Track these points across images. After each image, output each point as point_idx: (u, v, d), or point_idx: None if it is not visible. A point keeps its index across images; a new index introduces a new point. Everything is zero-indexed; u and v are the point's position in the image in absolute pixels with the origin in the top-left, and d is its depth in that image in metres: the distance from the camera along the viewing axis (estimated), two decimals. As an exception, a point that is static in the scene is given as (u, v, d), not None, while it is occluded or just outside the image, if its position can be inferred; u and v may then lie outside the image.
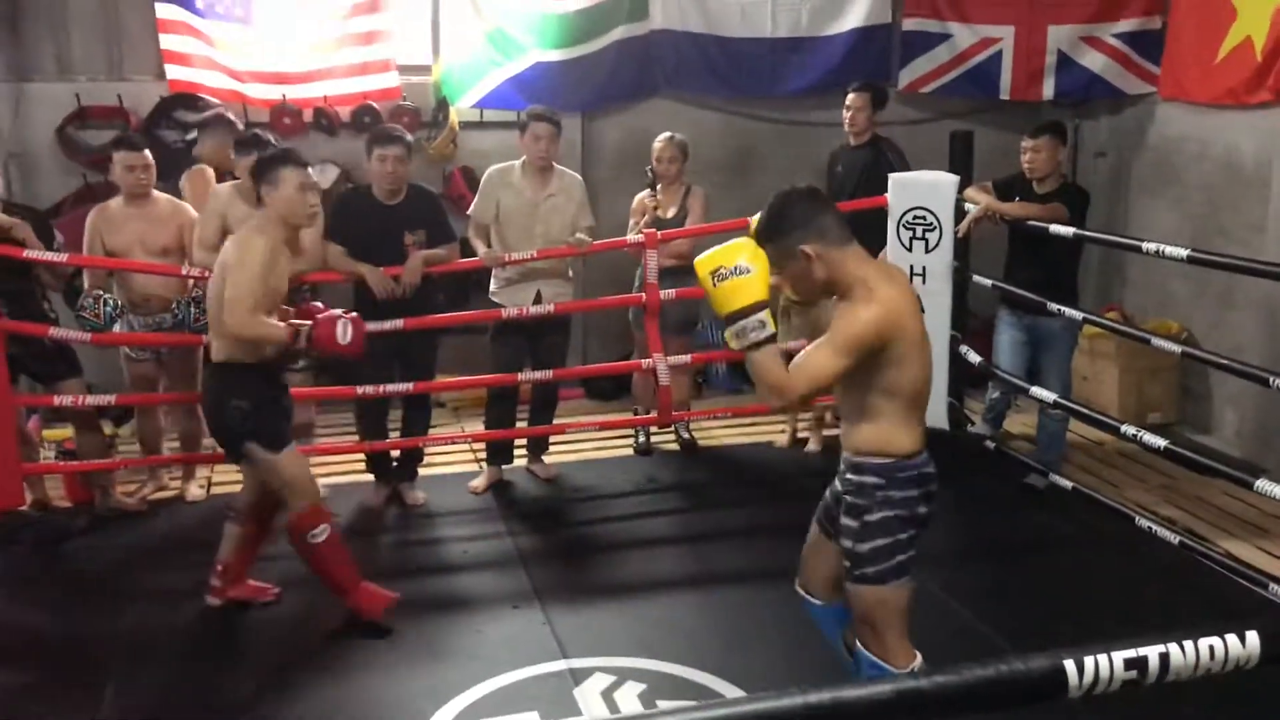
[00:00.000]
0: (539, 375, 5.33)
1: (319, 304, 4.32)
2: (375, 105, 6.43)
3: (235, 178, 4.97)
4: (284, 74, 6.37)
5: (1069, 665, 1.38)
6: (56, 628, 4.19)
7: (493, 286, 5.37)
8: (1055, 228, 4.79)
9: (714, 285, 2.68)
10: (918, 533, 2.86)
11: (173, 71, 6.19)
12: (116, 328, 4.87)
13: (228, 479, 5.56)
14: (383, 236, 4.93)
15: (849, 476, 2.90)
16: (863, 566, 2.83)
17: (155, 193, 5.04)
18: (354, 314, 4.11)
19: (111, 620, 4.17)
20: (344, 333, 3.94)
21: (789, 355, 2.82)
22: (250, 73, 6.33)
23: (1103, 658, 1.40)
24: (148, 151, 5.00)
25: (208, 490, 5.45)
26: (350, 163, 6.28)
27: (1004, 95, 7.04)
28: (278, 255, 3.87)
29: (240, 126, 5.55)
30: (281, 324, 3.89)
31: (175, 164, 5.67)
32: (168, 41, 6.15)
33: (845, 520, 2.89)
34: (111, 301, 4.77)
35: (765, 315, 2.66)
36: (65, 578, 4.61)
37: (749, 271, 2.65)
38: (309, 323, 3.95)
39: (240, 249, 3.83)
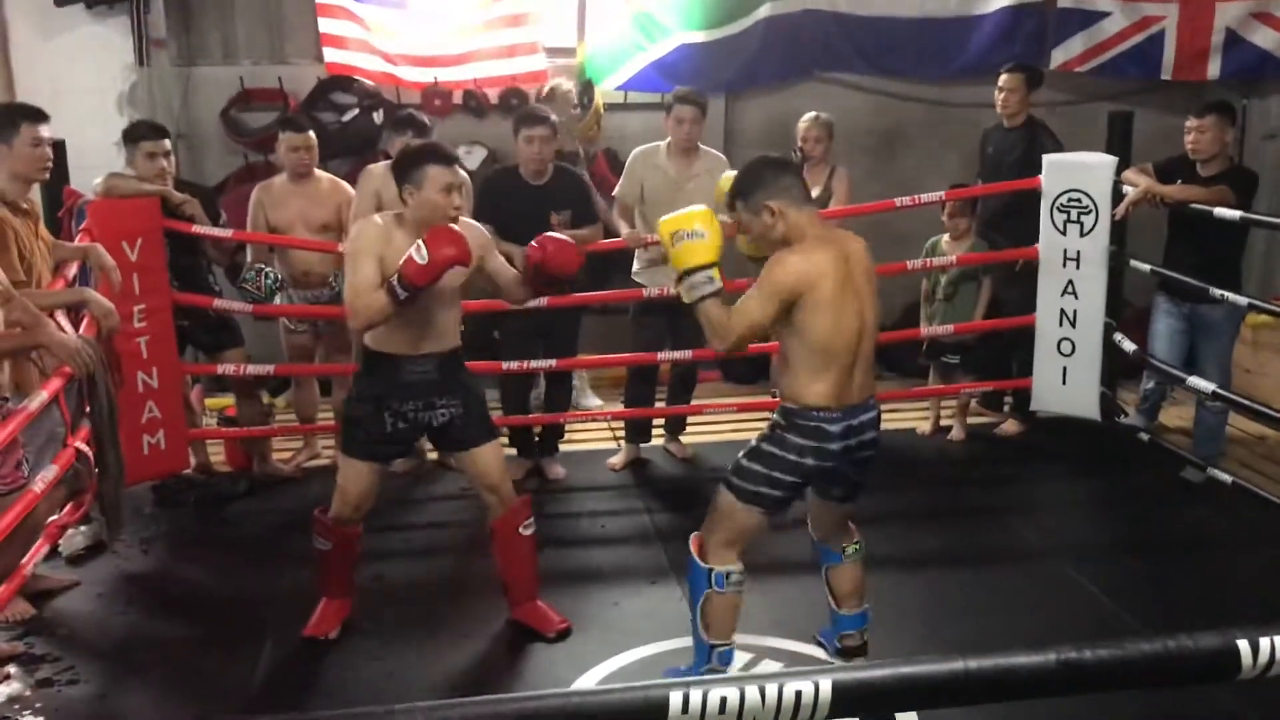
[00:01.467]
0: (678, 355, 5.35)
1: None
2: (523, 88, 6.52)
3: (389, 157, 5.12)
4: (434, 57, 6.51)
5: (1242, 644, 1.33)
6: (218, 585, 4.39)
7: (635, 266, 5.41)
8: (1220, 210, 4.59)
9: (673, 245, 3.13)
10: (799, 482, 3.20)
11: (330, 55, 6.40)
12: (277, 300, 5.07)
13: (377, 449, 5.75)
14: (530, 216, 5.00)
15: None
16: (734, 474, 3.25)
17: (316, 171, 5.23)
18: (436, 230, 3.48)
19: (269, 579, 4.36)
20: (420, 254, 3.35)
21: None
22: (402, 55, 6.50)
23: (1279, 639, 1.35)
24: (311, 133, 5.18)
25: (358, 460, 5.62)
26: (498, 144, 6.40)
27: (1165, 75, 6.77)
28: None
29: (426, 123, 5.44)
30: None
31: (331, 145, 5.87)
32: (326, 25, 6.36)
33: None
34: (272, 275, 4.98)
35: (714, 273, 3.10)
36: (225, 538, 4.84)
37: (703, 236, 3.09)
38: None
39: (350, 240, 3.70)
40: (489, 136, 6.52)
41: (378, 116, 6.35)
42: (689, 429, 5.78)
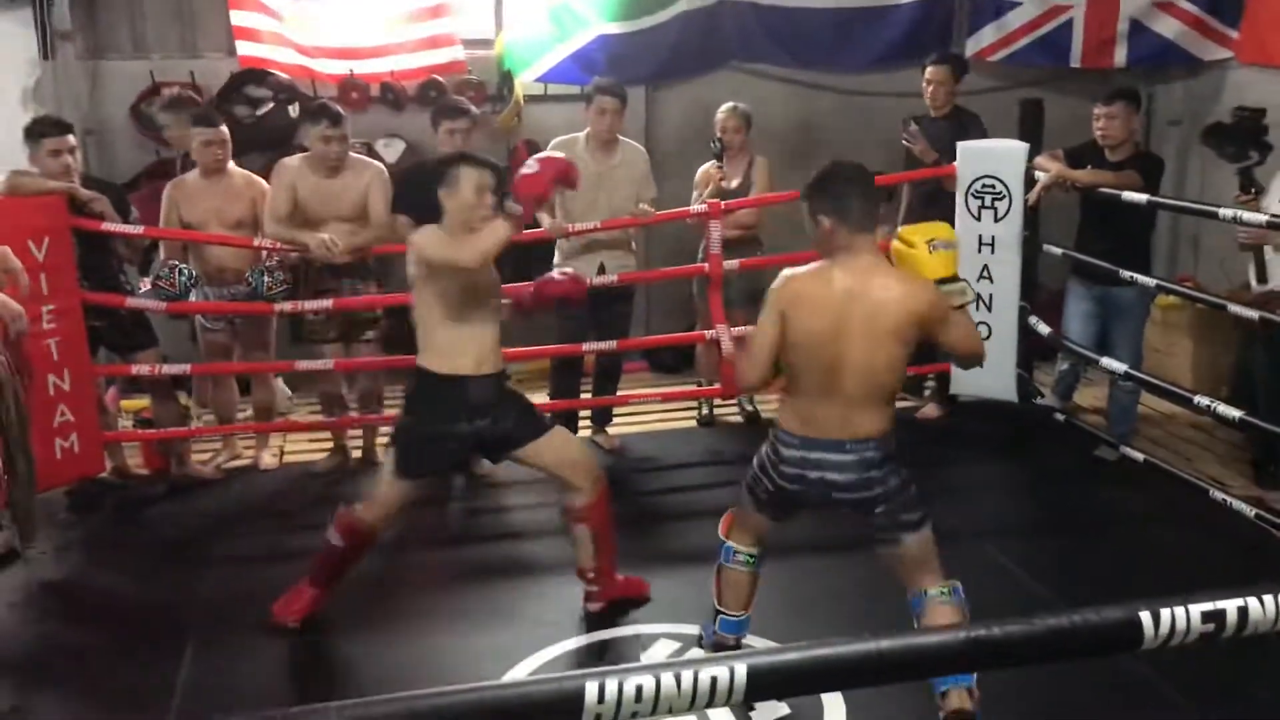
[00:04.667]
0: (603, 346, 5.35)
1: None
2: (441, 79, 6.48)
3: (304, 149, 5.04)
4: (351, 49, 6.42)
5: (1144, 616, 1.37)
6: (136, 591, 4.31)
7: (556, 258, 5.40)
8: (1128, 195, 4.70)
9: (929, 251, 3.05)
10: (773, 490, 3.18)
11: (243, 48, 6.27)
12: (192, 298, 4.97)
13: (300, 448, 5.69)
14: (449, 208, 4.96)
15: None
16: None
17: (231, 167, 5.14)
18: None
19: (190, 584, 4.27)
20: (530, 165, 3.67)
21: None
22: (318, 48, 6.40)
23: (1179, 609, 1.39)
24: (224, 127, 5.09)
25: (280, 458, 5.55)
26: (417, 137, 6.34)
27: (1075, 63, 6.91)
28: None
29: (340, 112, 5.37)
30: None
31: (246, 139, 5.76)
32: (238, 18, 6.23)
33: None
34: (186, 272, 4.88)
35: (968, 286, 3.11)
36: (144, 543, 4.73)
37: (956, 248, 3.10)
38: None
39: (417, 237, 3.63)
40: (407, 129, 6.45)
41: (293, 110, 6.25)
42: (615, 420, 5.79)
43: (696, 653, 3.69)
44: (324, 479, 5.28)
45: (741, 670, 1.22)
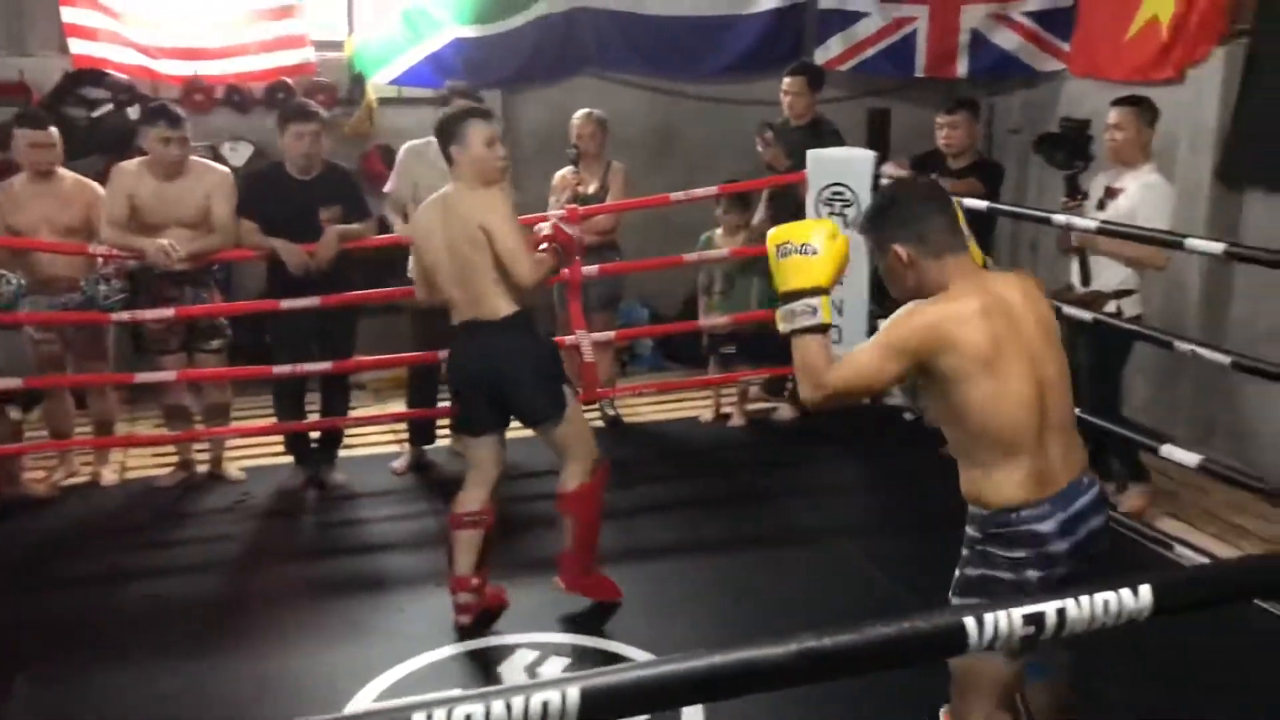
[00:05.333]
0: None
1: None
2: (289, 81, 6.32)
3: (144, 153, 4.85)
4: (195, 49, 6.22)
5: (969, 621, 1.41)
6: (-35, 618, 4.08)
7: (411, 264, 5.31)
8: (969, 201, 4.86)
9: (777, 259, 2.51)
10: (1040, 583, 2.43)
11: (76, 46, 6.01)
12: (21, 309, 4.73)
13: (141, 463, 5.47)
14: (297, 213, 4.85)
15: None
16: None
17: (61, 170, 4.92)
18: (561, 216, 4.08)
19: (25, 610, 4.07)
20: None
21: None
22: (159, 48, 6.18)
23: (1002, 614, 1.44)
24: (53, 129, 4.86)
25: (121, 474, 5.33)
26: (264, 140, 6.16)
27: (919, 73, 7.12)
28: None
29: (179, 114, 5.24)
30: (541, 255, 3.80)
31: (82, 142, 5.52)
32: (70, 15, 5.97)
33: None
34: (14, 281, 4.64)
35: (820, 302, 2.44)
36: (-27, 566, 4.50)
37: (815, 253, 2.45)
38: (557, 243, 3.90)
39: (489, 208, 3.64)
40: (254, 132, 6.27)
41: (133, 112, 6.00)
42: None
43: (554, 661, 3.69)
44: (168, 494, 5.09)
45: (574, 693, 1.21)
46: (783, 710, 3.05)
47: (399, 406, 5.71)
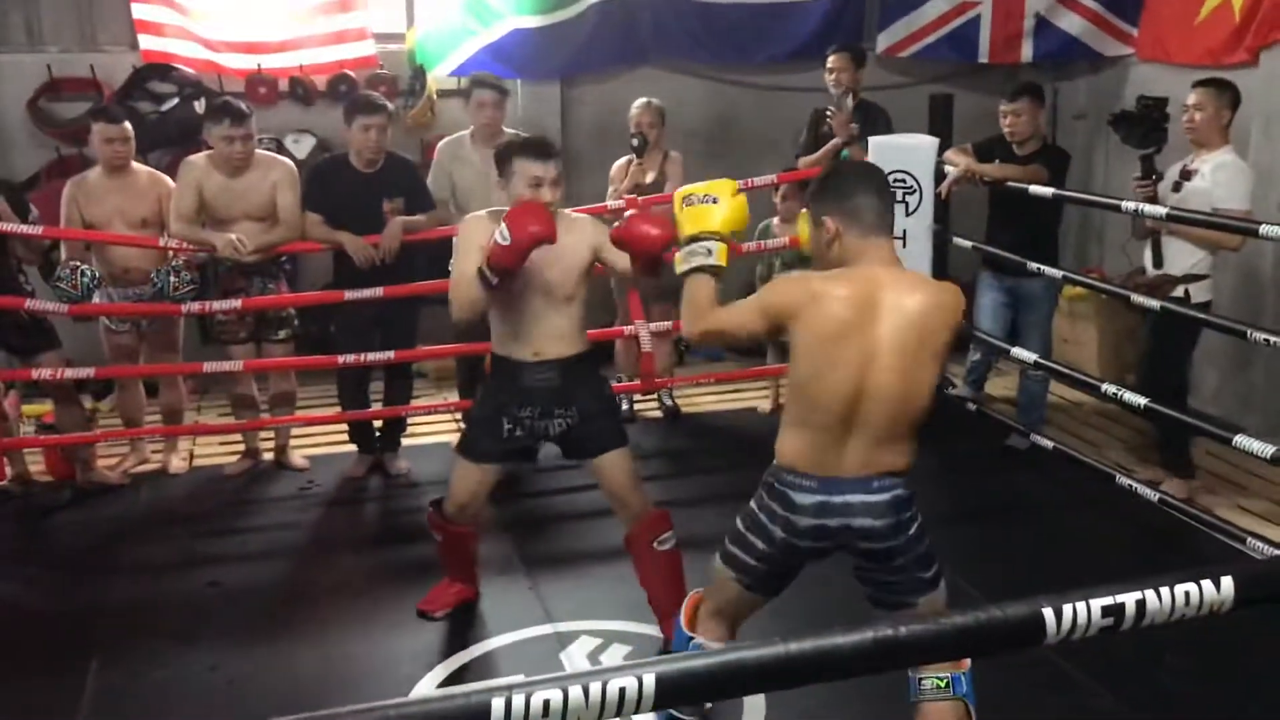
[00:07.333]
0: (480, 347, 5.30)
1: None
2: (351, 74, 6.38)
3: (210, 148, 4.93)
4: (259, 43, 6.30)
5: (1047, 612, 1.39)
6: (40, 602, 4.17)
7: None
8: (1035, 189, 4.79)
9: (681, 208, 2.78)
10: (771, 552, 2.66)
11: (145, 42, 6.11)
12: (95, 299, 4.83)
13: (209, 451, 5.56)
14: (361, 205, 4.89)
15: None
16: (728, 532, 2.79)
17: (134, 164, 5.01)
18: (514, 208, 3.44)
19: (96, 594, 4.16)
20: (503, 235, 3.25)
21: None
22: (224, 42, 6.26)
23: (1080, 605, 1.41)
24: (127, 124, 4.94)
25: (189, 462, 5.43)
26: (327, 133, 6.23)
27: (983, 59, 7.03)
28: None
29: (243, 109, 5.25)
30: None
31: (149, 136, 5.61)
32: (140, 11, 6.07)
33: None
34: (89, 273, 4.73)
35: (717, 247, 2.70)
36: (48, 552, 4.60)
37: (714, 202, 2.72)
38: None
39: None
40: (317, 124, 6.35)
41: (199, 106, 6.09)
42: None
43: (616, 649, 3.70)
44: (235, 482, 5.18)
45: (650, 679, 1.21)
46: (846, 693, 3.02)
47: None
